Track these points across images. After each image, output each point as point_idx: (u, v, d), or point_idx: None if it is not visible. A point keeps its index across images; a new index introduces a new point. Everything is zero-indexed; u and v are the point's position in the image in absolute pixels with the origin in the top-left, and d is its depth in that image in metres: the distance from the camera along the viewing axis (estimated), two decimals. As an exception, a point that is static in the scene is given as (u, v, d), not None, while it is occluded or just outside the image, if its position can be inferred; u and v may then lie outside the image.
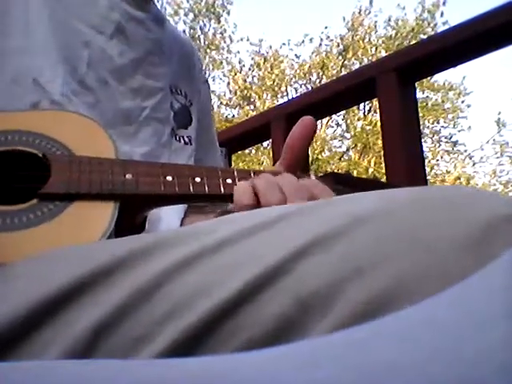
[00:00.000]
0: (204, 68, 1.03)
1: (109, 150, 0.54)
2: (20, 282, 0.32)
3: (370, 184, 0.66)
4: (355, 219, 0.28)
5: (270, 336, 0.25)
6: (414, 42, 10.72)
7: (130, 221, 0.52)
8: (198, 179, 0.53)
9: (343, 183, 0.61)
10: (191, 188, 0.52)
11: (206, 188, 0.53)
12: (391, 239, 0.27)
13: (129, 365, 0.20)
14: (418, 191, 0.31)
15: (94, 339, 0.27)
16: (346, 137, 12.72)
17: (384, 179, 1.23)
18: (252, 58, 13.08)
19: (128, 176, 0.51)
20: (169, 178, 0.52)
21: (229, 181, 0.54)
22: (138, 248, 0.31)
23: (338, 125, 12.71)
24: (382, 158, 1.26)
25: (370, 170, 11.62)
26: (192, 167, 0.60)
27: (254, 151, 11.66)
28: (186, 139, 0.77)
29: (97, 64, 0.67)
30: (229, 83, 13.26)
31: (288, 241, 0.28)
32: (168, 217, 0.67)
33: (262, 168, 0.64)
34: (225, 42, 13.34)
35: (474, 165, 12.50)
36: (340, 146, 12.91)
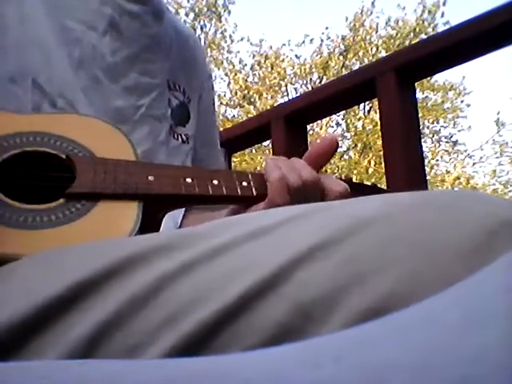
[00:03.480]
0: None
1: (128, 152, 0.56)
2: (19, 285, 0.32)
3: (370, 189, 0.68)
4: (356, 223, 0.28)
5: (271, 343, 0.25)
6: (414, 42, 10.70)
7: (149, 221, 0.53)
8: (215, 181, 0.56)
9: None
10: (210, 190, 0.55)
11: (224, 190, 0.55)
12: (392, 244, 0.26)
13: (134, 365, 0.20)
14: (420, 195, 0.30)
15: (90, 346, 0.27)
16: (346, 137, 12.71)
17: (384, 179, 1.23)
18: (254, 56, 13.06)
19: (150, 178, 0.53)
20: (188, 180, 0.54)
21: (244, 183, 0.57)
22: (136, 253, 0.31)
23: (338, 125, 12.72)
24: (382, 158, 1.26)
25: (370, 170, 11.61)
26: (209, 170, 0.63)
27: (254, 151, 11.64)
28: (184, 137, 0.75)
29: (88, 62, 0.65)
30: (229, 83, 13.26)
31: (288, 246, 0.28)
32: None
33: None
34: (225, 41, 13.34)
35: (473, 165, 12.51)
36: (340, 146, 12.90)
